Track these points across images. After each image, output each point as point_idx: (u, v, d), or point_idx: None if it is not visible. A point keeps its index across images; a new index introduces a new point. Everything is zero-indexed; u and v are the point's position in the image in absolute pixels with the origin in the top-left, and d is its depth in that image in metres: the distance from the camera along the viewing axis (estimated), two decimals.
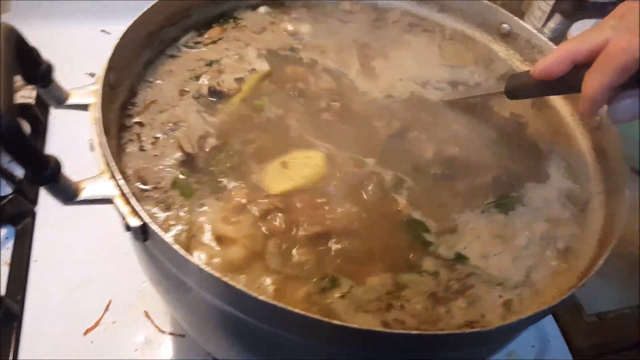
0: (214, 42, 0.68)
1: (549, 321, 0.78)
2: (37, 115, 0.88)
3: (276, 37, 0.70)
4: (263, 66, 0.65)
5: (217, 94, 0.61)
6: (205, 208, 0.50)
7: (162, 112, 0.58)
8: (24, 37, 0.42)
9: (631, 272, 0.83)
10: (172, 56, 0.64)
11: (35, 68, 0.45)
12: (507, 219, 0.54)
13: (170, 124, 0.57)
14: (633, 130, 0.90)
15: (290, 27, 0.72)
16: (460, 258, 0.50)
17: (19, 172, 0.81)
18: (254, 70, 0.65)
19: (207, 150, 0.55)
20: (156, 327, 0.72)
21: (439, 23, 0.75)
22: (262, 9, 0.74)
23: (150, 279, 0.56)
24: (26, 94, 0.88)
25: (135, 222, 0.42)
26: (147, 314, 0.73)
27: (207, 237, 0.48)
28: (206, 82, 0.62)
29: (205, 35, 0.68)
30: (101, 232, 0.75)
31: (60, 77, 1.02)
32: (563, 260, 0.51)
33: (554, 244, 0.52)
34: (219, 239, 0.47)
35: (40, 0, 1.03)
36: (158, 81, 0.61)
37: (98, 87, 0.49)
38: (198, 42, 0.67)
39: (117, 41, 0.52)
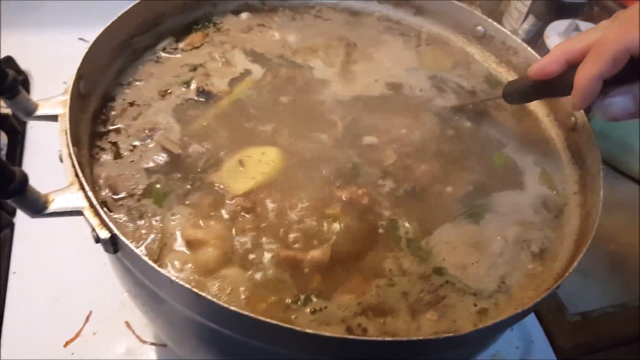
0: (196, 48, 0.67)
1: (532, 322, 0.78)
2: (15, 126, 0.88)
3: (263, 39, 0.70)
4: (253, 68, 0.66)
5: (205, 94, 0.61)
6: (177, 215, 0.50)
7: (140, 114, 0.57)
8: None
9: (614, 271, 0.84)
10: (151, 61, 0.64)
11: (0, 80, 0.44)
12: (481, 227, 0.53)
13: (147, 130, 0.56)
14: (633, 139, 0.91)
15: (276, 33, 0.72)
16: (438, 271, 0.50)
17: None
18: (246, 71, 0.65)
19: (188, 152, 0.55)
20: (137, 337, 0.71)
21: (414, 26, 0.75)
22: (244, 15, 0.74)
23: (126, 290, 0.55)
24: (3, 104, 0.87)
25: (104, 234, 0.42)
26: (128, 325, 0.72)
27: (178, 244, 0.48)
28: (194, 85, 0.62)
29: (186, 41, 0.68)
30: (81, 242, 0.73)
31: (38, 85, 1.02)
32: (539, 262, 0.51)
33: (528, 247, 0.52)
34: (189, 243, 0.47)
35: (17, 6, 1.02)
36: (137, 82, 0.61)
37: (66, 97, 0.48)
38: (176, 49, 0.67)
39: (86, 50, 0.52)
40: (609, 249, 0.85)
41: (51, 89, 0.52)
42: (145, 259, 0.40)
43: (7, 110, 0.86)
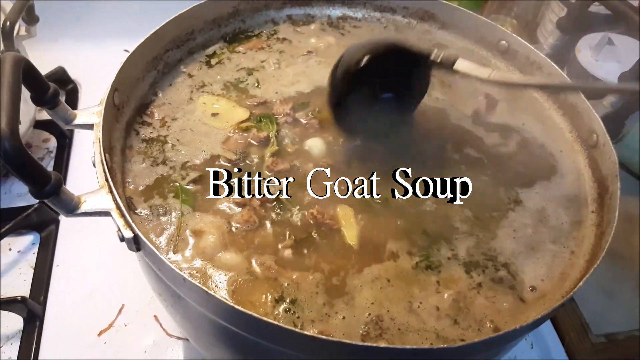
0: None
1: (553, 340, 0.76)
2: (63, 130, 0.95)
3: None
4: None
5: None
6: (197, 214, 0.53)
7: (174, 120, 0.62)
8: (32, 65, 0.46)
9: None
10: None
11: (43, 92, 0.49)
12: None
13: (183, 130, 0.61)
14: (634, 138, 0.88)
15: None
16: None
17: None
18: None
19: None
20: (164, 330, 0.75)
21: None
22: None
23: (150, 286, 0.59)
24: None
25: (128, 234, 0.46)
26: (156, 318, 0.76)
27: (187, 234, 0.52)
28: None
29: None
30: (116, 241, 0.79)
31: (86, 92, 1.09)
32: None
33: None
34: (194, 233, 0.52)
35: (68, 20, 1.10)
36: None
37: (101, 108, 0.53)
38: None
39: (121, 65, 0.56)
40: (639, 270, 0.82)
41: (97, 96, 0.57)
42: (163, 257, 0.43)
43: None
